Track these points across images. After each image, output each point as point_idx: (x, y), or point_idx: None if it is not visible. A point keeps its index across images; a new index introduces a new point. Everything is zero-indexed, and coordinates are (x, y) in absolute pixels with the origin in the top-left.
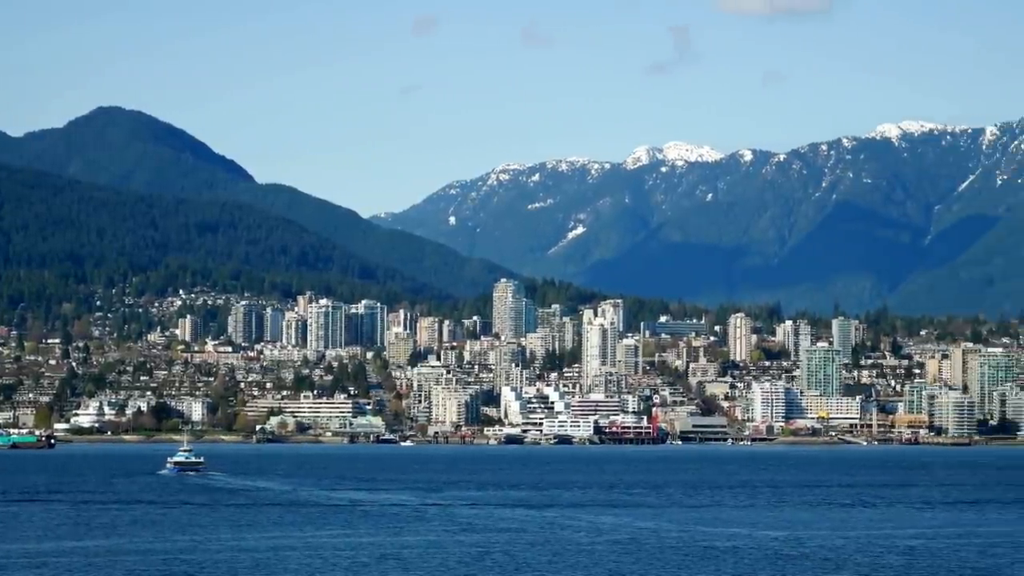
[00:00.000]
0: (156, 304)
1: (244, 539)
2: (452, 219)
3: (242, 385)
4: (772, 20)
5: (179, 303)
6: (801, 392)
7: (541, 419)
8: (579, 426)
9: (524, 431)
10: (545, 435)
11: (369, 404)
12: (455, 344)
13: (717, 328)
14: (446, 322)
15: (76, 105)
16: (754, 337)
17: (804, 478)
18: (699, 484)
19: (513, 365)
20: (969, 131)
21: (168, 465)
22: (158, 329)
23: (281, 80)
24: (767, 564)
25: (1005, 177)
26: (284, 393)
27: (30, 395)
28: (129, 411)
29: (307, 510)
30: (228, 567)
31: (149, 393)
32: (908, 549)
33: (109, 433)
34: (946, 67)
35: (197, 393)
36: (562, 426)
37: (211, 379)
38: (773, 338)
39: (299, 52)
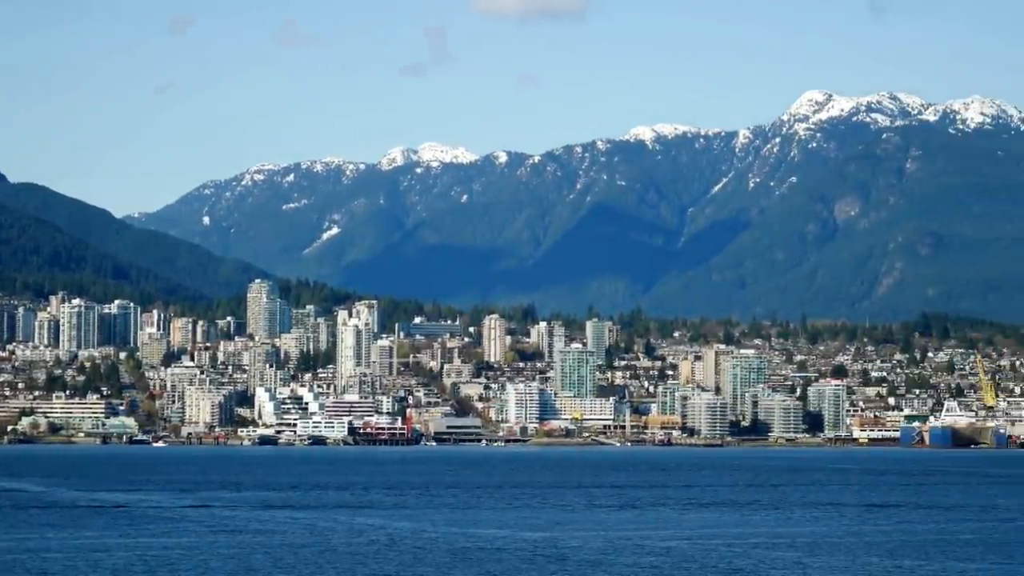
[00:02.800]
0: None
1: None
2: (206, 219)
3: None
4: (527, 22)
5: None
6: (555, 393)
7: (295, 420)
8: (333, 427)
9: (278, 432)
10: (299, 436)
11: (122, 405)
12: (209, 345)
13: (471, 329)
14: (200, 323)
15: None
16: (508, 338)
17: (559, 479)
18: (456, 485)
19: (267, 366)
20: (722, 134)
21: None
22: None
23: (34, 78)
24: (528, 565)
25: (757, 180)
26: (36, 393)
27: None
28: None
29: (63, 512)
30: None
31: None
32: (666, 550)
33: None
34: (700, 70)
35: None
36: (316, 427)
37: None
38: (527, 339)
39: (52, 51)
